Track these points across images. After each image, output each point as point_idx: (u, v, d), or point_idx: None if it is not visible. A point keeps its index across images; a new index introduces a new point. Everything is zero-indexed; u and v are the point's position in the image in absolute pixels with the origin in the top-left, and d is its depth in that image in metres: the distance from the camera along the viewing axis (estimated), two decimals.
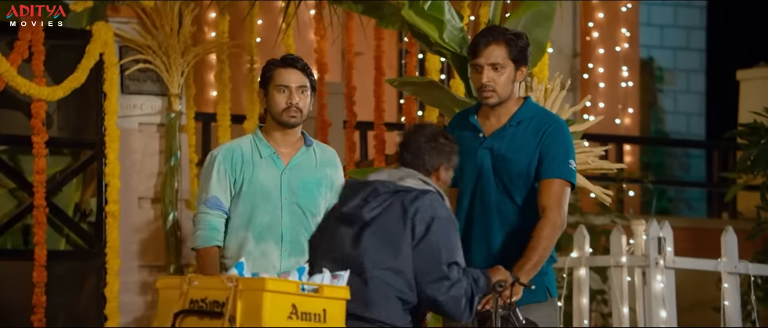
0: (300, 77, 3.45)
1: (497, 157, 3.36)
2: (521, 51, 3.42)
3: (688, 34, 11.98)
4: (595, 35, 10.40)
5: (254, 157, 3.41)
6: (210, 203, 3.38)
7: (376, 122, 6.69)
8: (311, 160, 3.46)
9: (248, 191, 3.38)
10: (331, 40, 6.63)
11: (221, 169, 3.41)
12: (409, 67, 6.54)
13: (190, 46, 6.52)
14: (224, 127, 6.78)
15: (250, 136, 3.46)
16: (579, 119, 6.33)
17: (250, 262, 3.33)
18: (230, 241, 3.39)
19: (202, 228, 3.39)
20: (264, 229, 3.38)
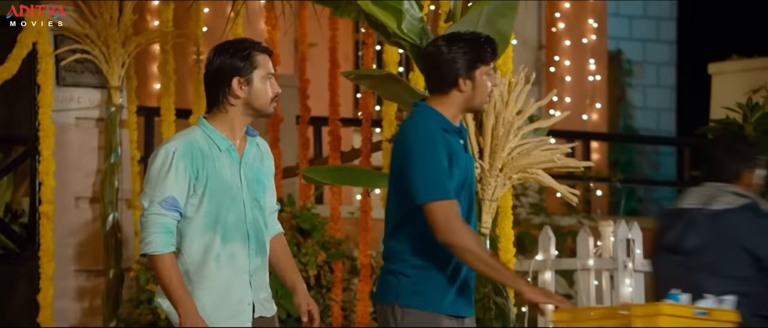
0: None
1: (471, 165, 3.37)
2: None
3: (659, 25, 12.13)
4: (561, 26, 10.50)
5: (213, 151, 3.28)
6: (166, 204, 3.23)
7: (330, 117, 6.70)
8: (259, 151, 3.39)
9: (214, 188, 3.26)
10: (283, 30, 6.62)
11: (180, 166, 3.24)
12: (366, 60, 6.57)
13: (132, 36, 6.49)
14: (168, 122, 6.75)
15: (197, 128, 3.31)
16: (544, 115, 6.40)
17: (217, 265, 3.27)
18: (192, 245, 3.26)
19: (157, 232, 3.22)
20: (230, 228, 3.28)
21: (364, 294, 6.27)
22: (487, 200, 5.01)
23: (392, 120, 6.13)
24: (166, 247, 3.25)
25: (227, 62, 3.30)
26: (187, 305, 3.23)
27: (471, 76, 3.22)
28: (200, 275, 3.28)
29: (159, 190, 3.27)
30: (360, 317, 6.26)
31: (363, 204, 6.37)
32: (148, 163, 3.32)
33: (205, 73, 3.33)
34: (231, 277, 3.30)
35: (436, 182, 3.17)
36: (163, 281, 3.24)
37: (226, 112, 3.32)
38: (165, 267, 3.24)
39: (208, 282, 3.28)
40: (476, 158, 4.97)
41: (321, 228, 6.42)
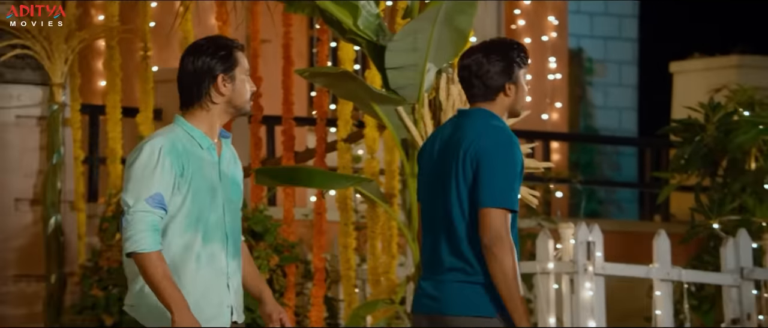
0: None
1: None
2: None
3: (620, 22, 12.22)
4: (521, 23, 10.54)
5: (195, 149, 3.33)
6: (153, 201, 3.22)
7: (284, 116, 6.66)
8: (231, 152, 3.46)
9: (198, 187, 3.30)
10: (234, 26, 6.57)
11: (166, 162, 3.27)
12: (321, 57, 6.53)
13: (75, 31, 6.39)
14: (114, 120, 6.67)
15: (176, 126, 3.36)
16: None
17: (197, 266, 3.29)
18: (173, 243, 3.28)
19: (144, 229, 3.22)
20: (211, 229, 3.31)
21: (318, 299, 6.24)
22: None
23: (347, 119, 6.11)
24: (154, 245, 3.24)
25: (211, 60, 3.36)
26: (180, 303, 3.22)
27: (515, 80, 3.37)
28: (180, 274, 3.28)
29: (145, 186, 3.27)
30: (313, 321, 6.22)
31: (317, 206, 6.33)
32: (128, 160, 3.32)
33: (184, 72, 3.37)
34: (211, 278, 3.32)
35: (510, 189, 3.28)
36: (154, 279, 3.22)
37: (207, 110, 3.37)
38: (155, 265, 3.23)
39: (188, 282, 3.28)
40: None
41: (274, 231, 6.38)
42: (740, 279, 6.17)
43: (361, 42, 5.09)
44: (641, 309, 6.94)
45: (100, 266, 6.08)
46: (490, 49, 3.40)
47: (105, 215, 6.22)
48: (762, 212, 6.85)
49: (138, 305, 3.33)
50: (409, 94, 5.03)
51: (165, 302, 3.22)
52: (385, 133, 5.80)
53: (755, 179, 6.98)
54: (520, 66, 3.41)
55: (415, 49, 4.96)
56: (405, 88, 5.03)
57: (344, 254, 6.04)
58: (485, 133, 3.32)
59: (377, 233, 5.79)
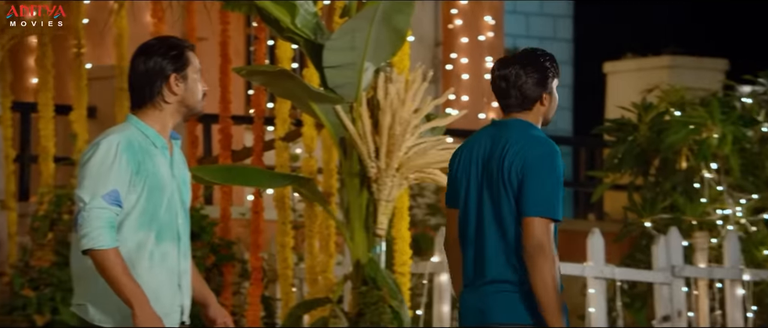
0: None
1: None
2: None
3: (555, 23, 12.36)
4: (458, 23, 10.60)
5: (149, 147, 3.35)
6: (110, 198, 3.23)
7: (221, 115, 6.62)
8: (181, 155, 3.49)
9: (153, 185, 3.31)
10: (170, 24, 6.51)
11: (123, 158, 3.28)
12: (258, 55, 6.50)
13: (6, 27, 6.28)
14: (46, 118, 6.57)
15: (129, 125, 3.37)
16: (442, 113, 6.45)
17: (150, 264, 3.29)
18: (126, 241, 3.27)
19: (102, 226, 3.22)
20: (164, 228, 3.32)
21: (255, 298, 6.21)
22: (382, 200, 5.02)
23: (285, 118, 6.09)
24: (112, 241, 3.24)
25: (162, 61, 3.39)
26: (142, 300, 3.22)
27: (550, 90, 3.52)
28: (133, 272, 3.28)
29: (102, 183, 3.27)
30: (250, 321, 6.19)
31: (255, 205, 6.31)
32: (83, 156, 3.31)
33: (136, 72, 3.40)
34: (163, 277, 3.33)
35: (554, 199, 3.36)
36: (114, 276, 3.22)
37: (160, 110, 3.39)
38: (114, 262, 3.23)
39: (141, 281, 3.27)
40: (372, 158, 4.97)
41: (210, 230, 6.34)
42: (671, 277, 6.28)
43: (299, 40, 5.09)
44: (575, 307, 7.03)
45: (32, 265, 5.98)
46: (526, 60, 3.52)
47: (36, 214, 6.13)
48: (692, 210, 6.99)
49: (88, 302, 3.30)
50: (347, 93, 5.03)
51: (126, 299, 3.22)
52: (323, 132, 5.80)
53: (686, 178, 7.12)
54: (554, 77, 3.54)
55: (353, 47, 4.97)
56: (343, 86, 5.03)
57: (281, 253, 6.03)
58: (529, 144, 3.41)
59: (315, 231, 5.79)
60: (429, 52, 10.59)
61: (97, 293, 3.28)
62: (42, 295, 5.87)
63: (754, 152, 7.14)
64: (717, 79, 8.96)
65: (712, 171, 7.02)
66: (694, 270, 6.40)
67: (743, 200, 7.04)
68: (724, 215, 6.94)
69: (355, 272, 5.15)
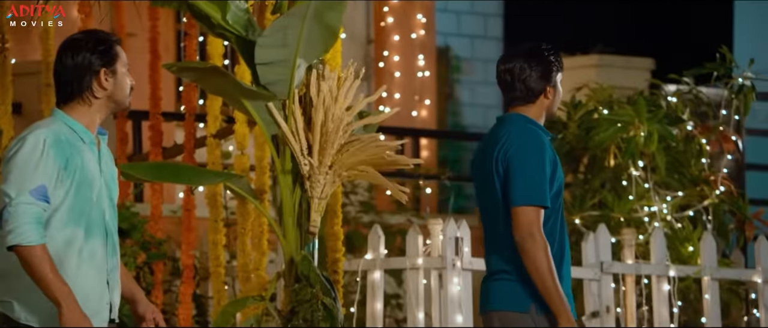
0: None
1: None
2: None
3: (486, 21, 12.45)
4: (390, 21, 10.62)
5: (77, 142, 3.31)
6: (37, 193, 3.18)
7: (151, 111, 6.54)
8: (108, 151, 3.47)
9: (81, 181, 3.27)
10: (98, 19, 6.41)
11: (50, 153, 3.23)
12: (189, 51, 6.44)
13: None
14: None
15: (56, 119, 3.32)
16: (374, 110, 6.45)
17: (78, 261, 3.24)
18: (54, 237, 3.22)
19: (28, 222, 3.16)
20: (92, 224, 3.28)
21: (187, 296, 6.15)
22: (315, 198, 5.01)
23: (217, 115, 6.04)
24: (40, 238, 3.19)
25: (91, 55, 3.35)
26: (69, 298, 3.16)
27: (554, 84, 3.59)
28: (61, 269, 3.23)
29: (29, 178, 3.22)
30: (182, 320, 6.14)
31: (186, 202, 6.25)
32: (9, 151, 3.25)
33: (63, 66, 3.34)
34: (92, 274, 3.28)
35: (539, 187, 3.41)
36: (39, 273, 3.16)
37: (89, 105, 3.35)
38: (41, 259, 3.17)
39: (69, 278, 3.23)
40: (305, 155, 4.96)
41: (140, 228, 6.26)
42: (600, 273, 6.37)
43: (230, 37, 5.05)
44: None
45: None
46: (530, 54, 3.62)
47: None
48: (620, 207, 7.09)
49: (14, 299, 3.24)
50: (279, 90, 5.01)
51: (52, 297, 3.16)
52: (255, 129, 5.76)
53: (614, 175, 7.23)
54: (558, 70, 3.63)
55: (285, 44, 4.95)
56: (275, 84, 5.01)
57: (214, 250, 5.98)
58: (514, 135, 3.49)
59: (247, 229, 5.75)
60: (361, 50, 10.60)
61: (22, 290, 3.22)
62: None
63: (680, 150, 7.27)
64: (644, 78, 9.12)
65: (639, 169, 7.14)
66: (622, 266, 6.50)
67: (669, 198, 7.17)
68: (651, 212, 7.06)
69: (287, 269, 5.13)
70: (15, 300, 3.23)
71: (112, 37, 3.39)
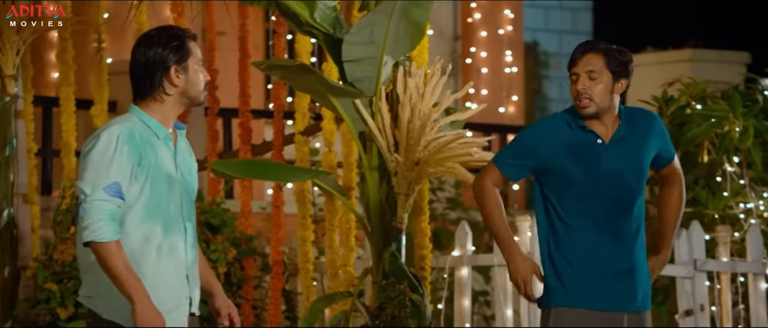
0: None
1: (627, 159, 3.72)
2: (621, 64, 3.76)
3: (575, 16, 12.31)
4: (477, 17, 10.57)
5: (151, 138, 3.30)
6: (111, 190, 3.19)
7: (241, 109, 6.61)
8: (187, 144, 3.47)
9: (156, 176, 3.26)
10: (189, 18, 6.51)
11: (124, 149, 3.24)
12: (278, 49, 6.50)
13: (27, 22, 6.30)
14: (68, 112, 6.59)
15: (132, 116, 3.35)
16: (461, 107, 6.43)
17: (158, 257, 3.26)
18: (131, 234, 3.23)
19: (103, 218, 3.17)
20: (171, 219, 3.29)
21: (276, 292, 6.21)
22: (402, 194, 5.00)
23: (305, 112, 6.08)
24: (114, 234, 3.20)
25: (163, 51, 3.35)
26: (142, 294, 3.18)
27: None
28: (139, 265, 3.25)
29: (103, 175, 3.24)
30: (272, 315, 6.20)
31: (275, 199, 6.30)
32: (84, 148, 3.28)
33: (136, 63, 3.36)
34: (171, 269, 3.29)
35: (505, 149, 3.81)
36: (114, 270, 3.18)
37: (161, 101, 3.36)
38: (115, 255, 3.19)
39: (149, 273, 3.25)
40: (392, 152, 4.96)
41: (231, 224, 6.34)
42: (693, 271, 6.24)
43: (318, 35, 5.07)
44: None
45: (55, 259, 6.01)
46: (622, 50, 3.86)
47: (59, 208, 6.15)
48: (714, 204, 6.93)
49: (95, 295, 3.28)
50: (366, 87, 5.02)
51: (126, 293, 3.18)
52: (342, 126, 5.78)
53: (708, 171, 7.06)
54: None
55: (371, 42, 4.96)
56: (362, 80, 5.02)
57: (302, 246, 6.02)
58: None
59: (335, 225, 5.78)
60: (448, 46, 10.57)
61: (105, 285, 3.25)
62: (65, 288, 5.89)
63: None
64: (738, 72, 8.89)
65: (734, 164, 6.97)
66: (717, 264, 6.35)
67: (766, 194, 6.98)
68: (747, 208, 6.88)
69: (375, 266, 5.14)
70: (98, 296, 3.26)
71: (186, 33, 3.37)
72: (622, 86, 3.75)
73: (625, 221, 3.72)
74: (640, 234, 3.76)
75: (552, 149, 3.68)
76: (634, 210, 3.73)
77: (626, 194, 3.71)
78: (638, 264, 3.73)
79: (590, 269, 3.66)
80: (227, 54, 7.63)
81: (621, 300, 3.66)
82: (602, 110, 3.69)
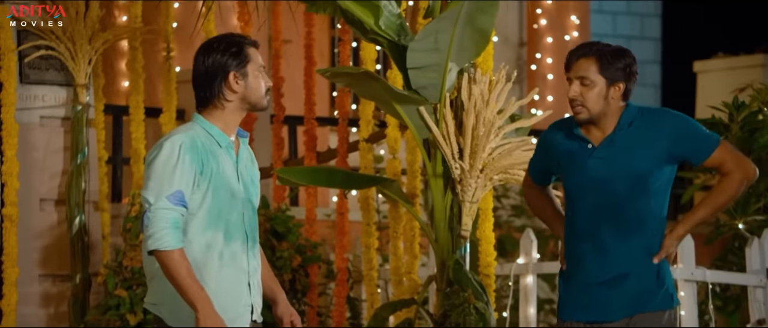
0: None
1: (614, 164, 3.58)
2: (616, 69, 3.62)
3: (643, 22, 12.16)
4: (543, 23, 10.50)
5: (213, 147, 3.32)
6: (174, 199, 3.23)
7: (306, 117, 6.66)
8: (249, 153, 3.48)
9: (218, 184, 3.29)
10: (256, 26, 6.57)
11: (187, 158, 3.28)
12: (343, 57, 6.53)
13: (99, 32, 6.42)
14: (137, 121, 6.69)
15: (195, 124, 3.38)
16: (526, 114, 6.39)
17: (220, 264, 3.28)
18: (194, 242, 3.26)
19: (166, 227, 3.21)
20: (233, 227, 3.31)
21: (341, 299, 6.23)
22: (467, 201, 4.99)
23: (369, 119, 6.10)
24: (177, 242, 3.23)
25: (222, 58, 3.37)
26: (205, 301, 3.20)
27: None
28: (202, 273, 3.28)
29: (167, 184, 3.28)
30: (336, 322, 6.22)
31: (339, 206, 6.33)
32: (148, 157, 3.33)
33: (197, 71, 3.38)
34: (233, 277, 3.32)
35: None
36: (177, 277, 3.22)
37: (222, 108, 3.38)
38: (178, 263, 3.22)
39: (211, 281, 3.28)
40: (456, 159, 4.95)
41: (296, 231, 6.38)
42: (765, 279, 6.11)
43: (383, 42, 5.08)
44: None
45: (124, 265, 6.10)
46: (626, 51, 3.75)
47: (129, 215, 6.25)
48: None
49: (160, 302, 3.32)
50: (430, 94, 5.01)
51: (189, 301, 3.21)
52: (406, 134, 5.79)
53: None
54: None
55: (436, 49, 4.95)
56: (426, 88, 5.01)
57: (366, 254, 6.04)
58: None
59: (399, 233, 5.78)
60: (513, 53, 10.52)
61: (168, 293, 3.28)
62: (134, 295, 5.98)
63: None
64: None
65: None
66: None
67: None
68: None
69: (439, 273, 5.12)
70: (162, 303, 3.30)
71: (245, 40, 3.38)
72: (620, 90, 3.60)
73: (609, 229, 3.53)
74: (636, 239, 3.53)
75: (551, 155, 3.63)
76: (625, 216, 3.53)
77: (612, 200, 3.54)
78: (633, 270, 3.51)
79: (575, 280, 3.55)
80: (293, 62, 7.69)
81: (606, 311, 3.50)
82: (597, 116, 3.57)
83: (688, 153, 3.63)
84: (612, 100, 3.60)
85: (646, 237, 3.55)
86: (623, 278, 3.52)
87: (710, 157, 3.63)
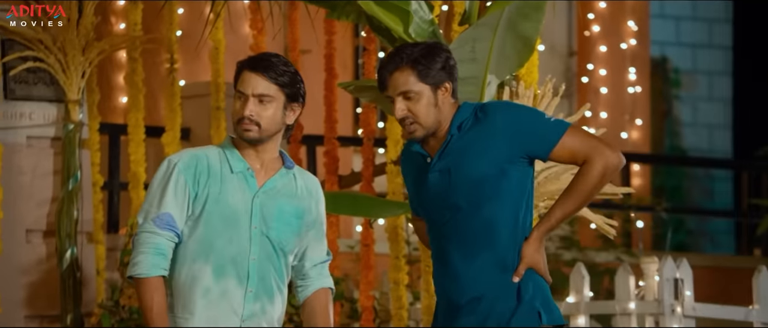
0: (262, 83, 3.42)
1: (450, 174, 3.55)
2: (438, 69, 3.57)
3: (711, 28, 12.14)
4: (596, 30, 10.51)
5: (223, 171, 3.34)
6: (160, 221, 3.28)
7: (326, 136, 6.71)
8: (291, 186, 3.45)
9: (212, 211, 3.31)
10: (271, 35, 6.63)
11: (180, 179, 3.32)
12: (368, 68, 6.58)
13: (93, 41, 6.49)
14: (137, 141, 6.75)
15: (217, 146, 3.43)
16: None
17: (205, 302, 3.29)
18: (180, 272, 3.30)
19: (145, 252, 3.27)
20: (227, 262, 3.31)
21: None
22: None
23: (397, 139, 6.13)
24: (152, 269, 3.27)
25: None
26: None
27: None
28: (185, 308, 3.31)
29: (155, 205, 3.32)
30: None
31: (364, 237, 6.36)
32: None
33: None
34: (221, 319, 3.33)
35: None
36: (144, 309, 3.26)
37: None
38: (147, 292, 3.26)
39: (193, 319, 3.30)
40: None
41: None
42: None
43: None
44: None
45: (122, 305, 6.14)
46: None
47: (127, 248, 6.30)
48: None
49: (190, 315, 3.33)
50: None
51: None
52: None
53: None
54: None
55: (473, 59, 4.98)
56: None
57: (395, 291, 6.06)
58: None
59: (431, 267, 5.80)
60: (562, 63, 10.54)
61: None
62: None
63: None
64: None
65: None
66: None
67: None
68: None
69: None
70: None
71: (245, 61, 3.41)
72: (448, 90, 3.55)
73: (456, 248, 3.49)
74: (486, 254, 3.48)
75: (409, 184, 3.62)
76: (471, 231, 3.47)
77: (455, 215, 3.49)
78: (486, 292, 3.47)
79: (439, 309, 3.57)
80: (312, 74, 7.73)
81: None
82: (433, 127, 3.53)
83: (530, 148, 3.50)
84: (443, 104, 3.55)
85: (497, 251, 3.48)
86: (476, 302, 3.48)
87: (558, 148, 3.49)
